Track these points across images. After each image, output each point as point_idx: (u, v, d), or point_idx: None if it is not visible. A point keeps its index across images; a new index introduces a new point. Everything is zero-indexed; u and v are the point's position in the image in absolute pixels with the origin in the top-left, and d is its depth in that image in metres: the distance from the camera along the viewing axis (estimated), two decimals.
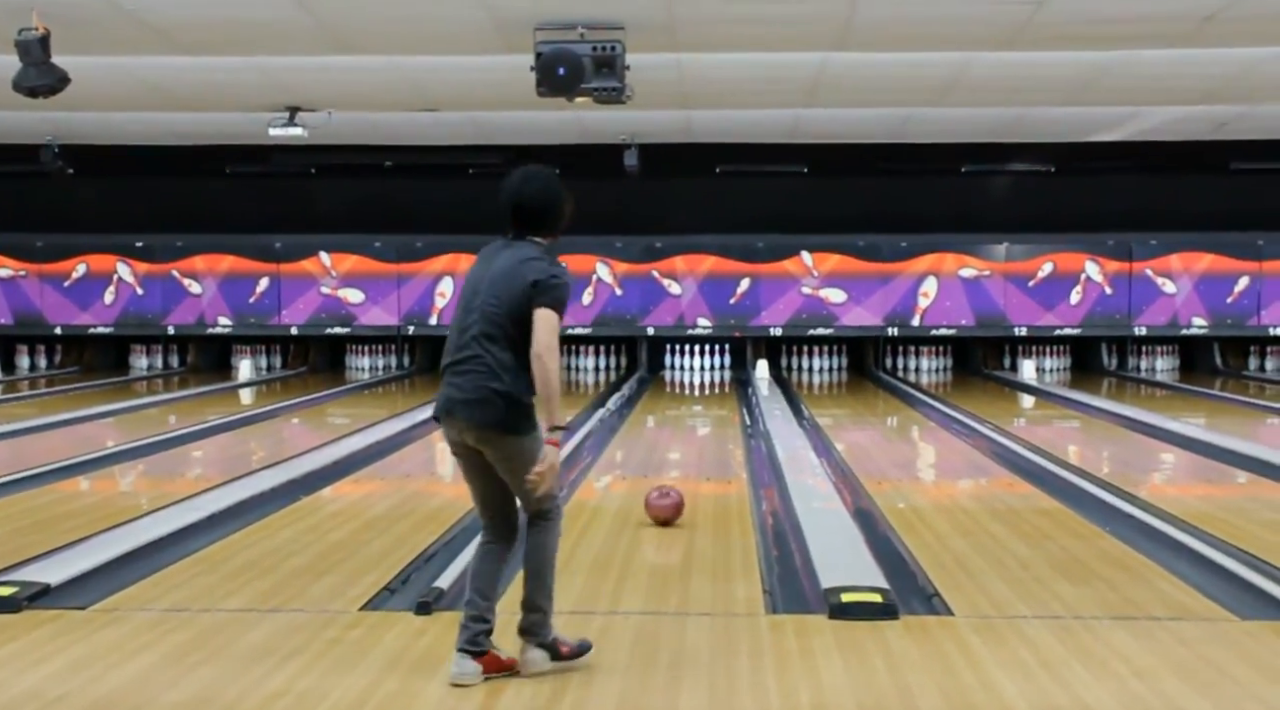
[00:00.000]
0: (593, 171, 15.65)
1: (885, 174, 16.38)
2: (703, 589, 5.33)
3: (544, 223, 4.25)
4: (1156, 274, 16.70)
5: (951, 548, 6.11)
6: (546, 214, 4.25)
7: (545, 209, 4.24)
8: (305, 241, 16.94)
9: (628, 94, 8.87)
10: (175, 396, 14.51)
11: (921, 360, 17.37)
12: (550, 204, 4.25)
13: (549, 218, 4.26)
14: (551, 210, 4.25)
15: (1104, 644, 4.52)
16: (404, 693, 4.03)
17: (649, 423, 12.23)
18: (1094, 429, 11.82)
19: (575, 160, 15.51)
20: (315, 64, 10.20)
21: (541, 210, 4.24)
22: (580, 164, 15.67)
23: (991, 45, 9.58)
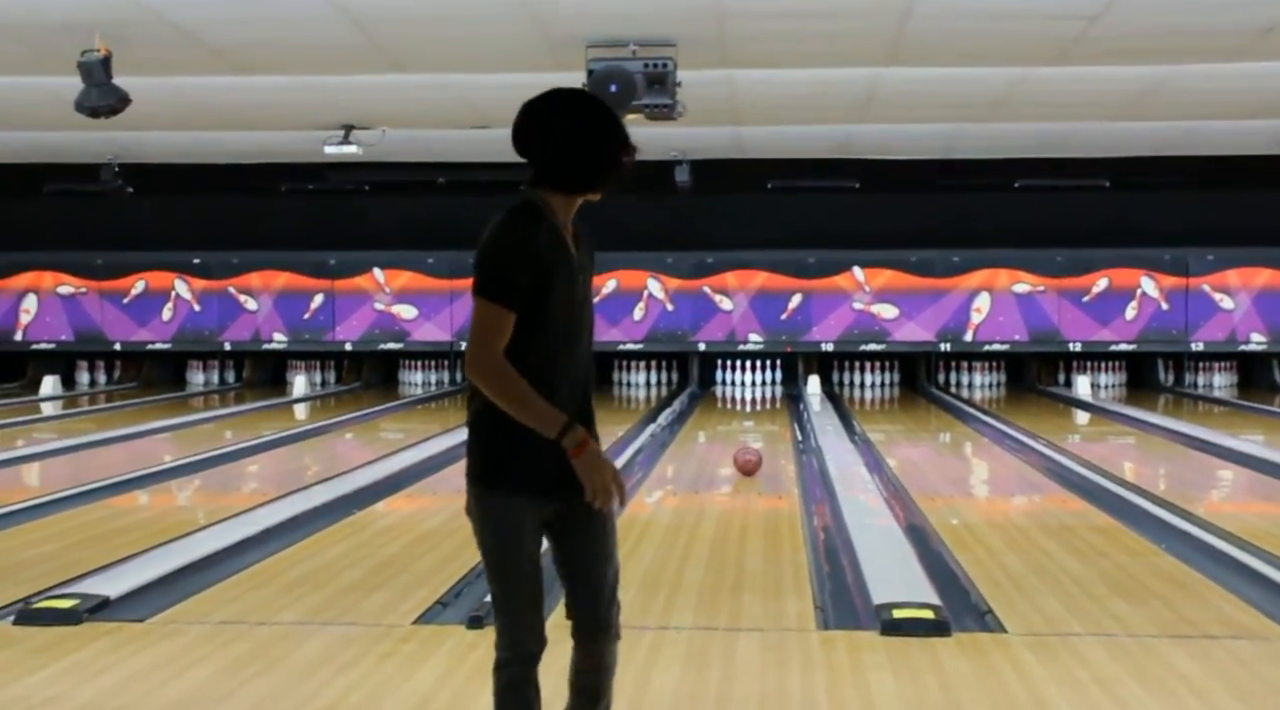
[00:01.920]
0: (644, 187, 15.71)
1: (937, 189, 16.31)
2: (754, 604, 5.32)
3: (541, 165, 2.97)
4: (1214, 289, 16.51)
5: (1004, 564, 6.07)
6: (531, 151, 2.97)
7: (528, 146, 2.97)
8: (359, 258, 17.09)
9: (679, 110, 8.91)
10: (231, 412, 14.67)
11: (974, 376, 17.26)
12: (532, 138, 2.96)
13: (539, 157, 2.96)
14: (537, 145, 2.95)
15: (1160, 662, 4.48)
16: (456, 706, 4.05)
17: (700, 438, 12.23)
18: (1150, 445, 11.70)
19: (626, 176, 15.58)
20: (369, 83, 10.31)
21: (525, 149, 2.99)
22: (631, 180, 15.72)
23: (1044, 60, 9.53)
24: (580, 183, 2.96)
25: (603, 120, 2.96)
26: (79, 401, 16.06)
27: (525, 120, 2.94)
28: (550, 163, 2.93)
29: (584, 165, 2.94)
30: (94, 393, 17.10)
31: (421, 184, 16.06)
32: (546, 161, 2.93)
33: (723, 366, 17.30)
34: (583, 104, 2.98)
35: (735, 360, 17.24)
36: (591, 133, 2.94)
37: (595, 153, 2.95)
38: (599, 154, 2.95)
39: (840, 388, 17.01)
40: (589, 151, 2.94)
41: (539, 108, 2.95)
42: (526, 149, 2.96)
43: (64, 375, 17.37)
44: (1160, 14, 8.22)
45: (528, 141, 2.96)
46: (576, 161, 2.93)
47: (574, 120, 2.94)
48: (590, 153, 2.94)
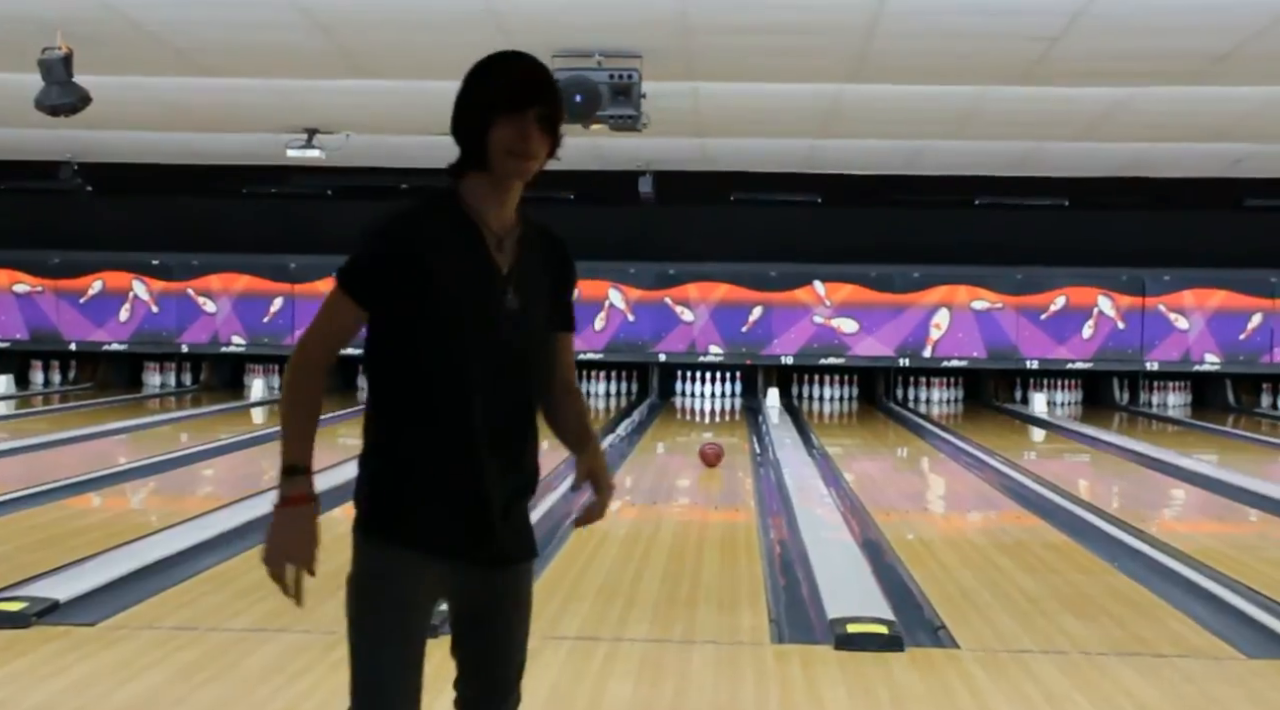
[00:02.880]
0: (607, 198, 15.74)
1: (899, 205, 16.42)
2: (709, 617, 5.33)
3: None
4: (1169, 309, 16.68)
5: (958, 580, 6.10)
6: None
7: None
8: (320, 262, 17.00)
9: (644, 122, 8.93)
10: (187, 414, 14.56)
11: (932, 392, 17.36)
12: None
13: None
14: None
15: (1110, 680, 4.52)
16: None
17: (659, 449, 12.23)
18: (1104, 464, 11.80)
19: (590, 186, 15.61)
20: (333, 87, 10.27)
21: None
22: (595, 190, 15.77)
23: (1006, 79, 9.62)
24: (470, 158, 2.42)
25: (481, 71, 2.39)
26: (33, 401, 15.89)
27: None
28: (465, 146, 2.43)
29: (458, 132, 2.41)
30: (48, 393, 16.92)
31: (384, 189, 16.00)
32: (464, 143, 2.43)
33: (683, 378, 17.32)
34: (481, 62, 2.41)
35: (695, 371, 17.27)
36: (464, 88, 2.41)
37: (461, 114, 2.39)
38: (464, 115, 2.39)
39: (799, 401, 17.07)
40: (458, 113, 2.40)
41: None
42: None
43: (18, 375, 17.18)
44: (1119, 37, 8.32)
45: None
46: (455, 129, 2.41)
47: (464, 81, 2.41)
48: (458, 115, 2.40)
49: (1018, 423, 15.61)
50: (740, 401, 16.87)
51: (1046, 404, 16.76)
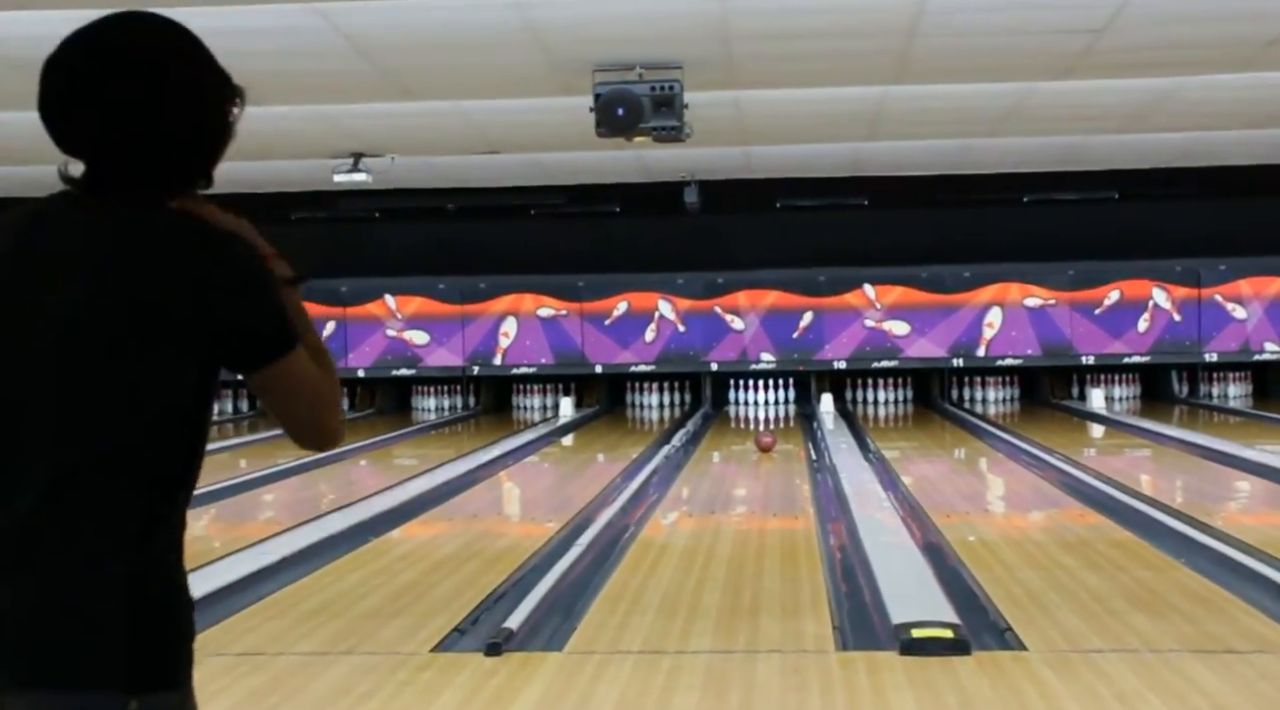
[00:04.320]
0: (653, 209, 15.74)
1: (947, 205, 16.31)
2: (772, 626, 5.31)
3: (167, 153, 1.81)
4: (1226, 299, 16.46)
5: (1023, 581, 6.04)
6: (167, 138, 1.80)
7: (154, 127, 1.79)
8: (371, 285, 17.13)
9: (687, 132, 8.92)
10: (246, 441, 14.68)
11: (988, 391, 17.22)
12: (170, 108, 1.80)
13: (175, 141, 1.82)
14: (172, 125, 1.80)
15: (1182, 678, 4.45)
16: None
17: (714, 458, 12.21)
18: (1166, 458, 11.65)
19: (636, 198, 15.63)
20: (378, 111, 10.35)
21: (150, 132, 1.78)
22: (641, 202, 15.78)
23: (1050, 75, 9.54)
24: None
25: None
26: None
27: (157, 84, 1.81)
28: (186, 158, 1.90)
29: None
30: None
31: (431, 210, 16.10)
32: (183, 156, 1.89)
33: (735, 386, 17.28)
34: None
35: (748, 380, 17.22)
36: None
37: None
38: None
39: (853, 405, 16.98)
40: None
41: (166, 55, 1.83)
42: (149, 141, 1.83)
43: None
44: (1164, 27, 8.23)
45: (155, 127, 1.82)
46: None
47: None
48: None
49: (1076, 419, 15.45)
50: (794, 408, 16.81)
51: (1104, 399, 16.57)
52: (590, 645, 5.03)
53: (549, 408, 17.04)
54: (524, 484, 11.17)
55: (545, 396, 17.33)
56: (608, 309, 16.76)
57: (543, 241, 16.88)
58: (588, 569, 6.52)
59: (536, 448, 13.28)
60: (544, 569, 6.39)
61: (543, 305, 16.85)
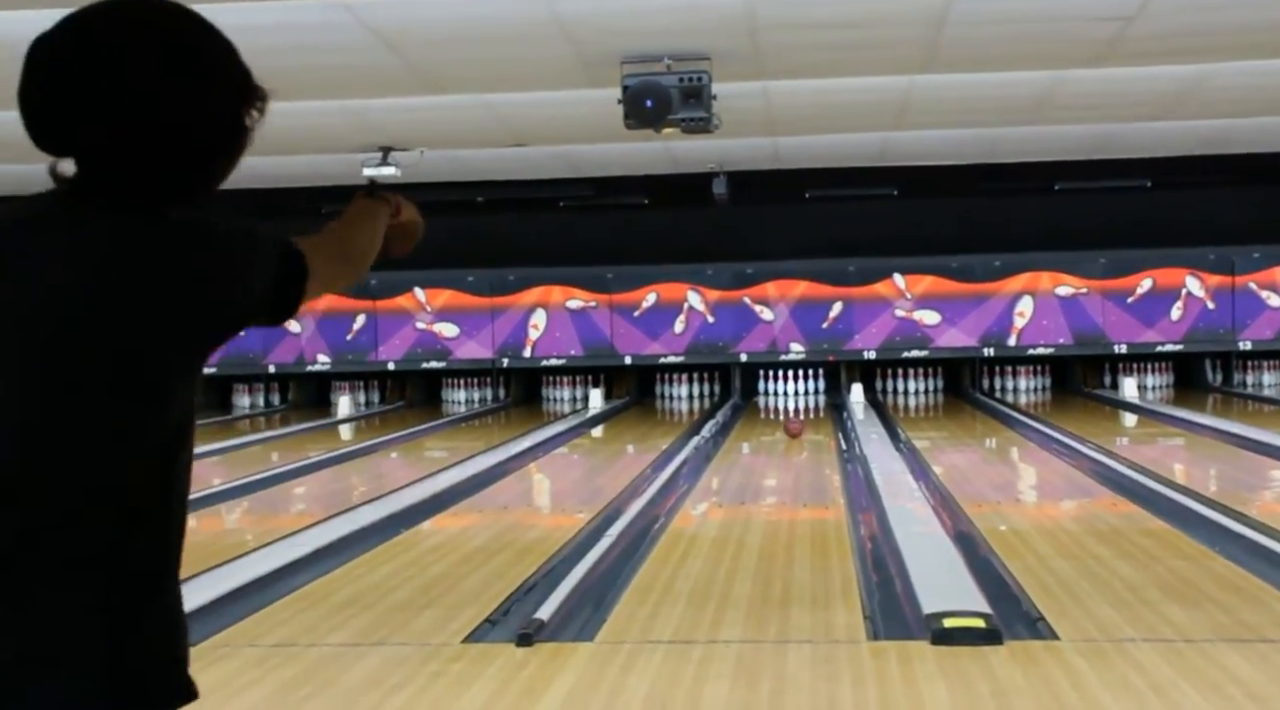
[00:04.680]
0: (682, 201, 15.73)
1: (977, 194, 16.23)
2: (803, 616, 5.30)
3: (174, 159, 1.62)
4: (1261, 287, 16.33)
5: (1055, 570, 6.01)
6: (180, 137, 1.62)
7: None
8: (400, 278, 17.18)
9: (715, 123, 8.90)
10: (277, 434, 14.77)
11: (1019, 380, 17.14)
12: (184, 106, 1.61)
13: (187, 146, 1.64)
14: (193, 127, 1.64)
15: (1217, 667, 4.42)
16: None
17: (744, 449, 12.20)
18: (1200, 447, 11.57)
19: (664, 190, 15.61)
20: (406, 105, 10.37)
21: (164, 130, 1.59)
22: (669, 194, 15.77)
23: (1081, 63, 9.47)
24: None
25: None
26: None
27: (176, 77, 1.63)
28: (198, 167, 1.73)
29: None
30: None
31: (460, 203, 16.13)
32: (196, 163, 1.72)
33: (765, 377, 17.25)
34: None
35: (777, 370, 17.20)
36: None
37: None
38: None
39: (884, 395, 16.94)
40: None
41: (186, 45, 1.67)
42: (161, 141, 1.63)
43: None
44: (1195, 13, 8.15)
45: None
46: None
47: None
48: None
49: (1108, 408, 15.36)
50: (824, 398, 16.78)
51: (1137, 388, 16.47)
52: (621, 636, 5.04)
53: (579, 399, 17.06)
54: (554, 475, 11.19)
55: (575, 388, 17.35)
56: (637, 300, 16.76)
57: (571, 234, 16.90)
58: (618, 560, 6.53)
59: (566, 439, 13.30)
60: (574, 560, 6.41)
61: (572, 297, 16.87)
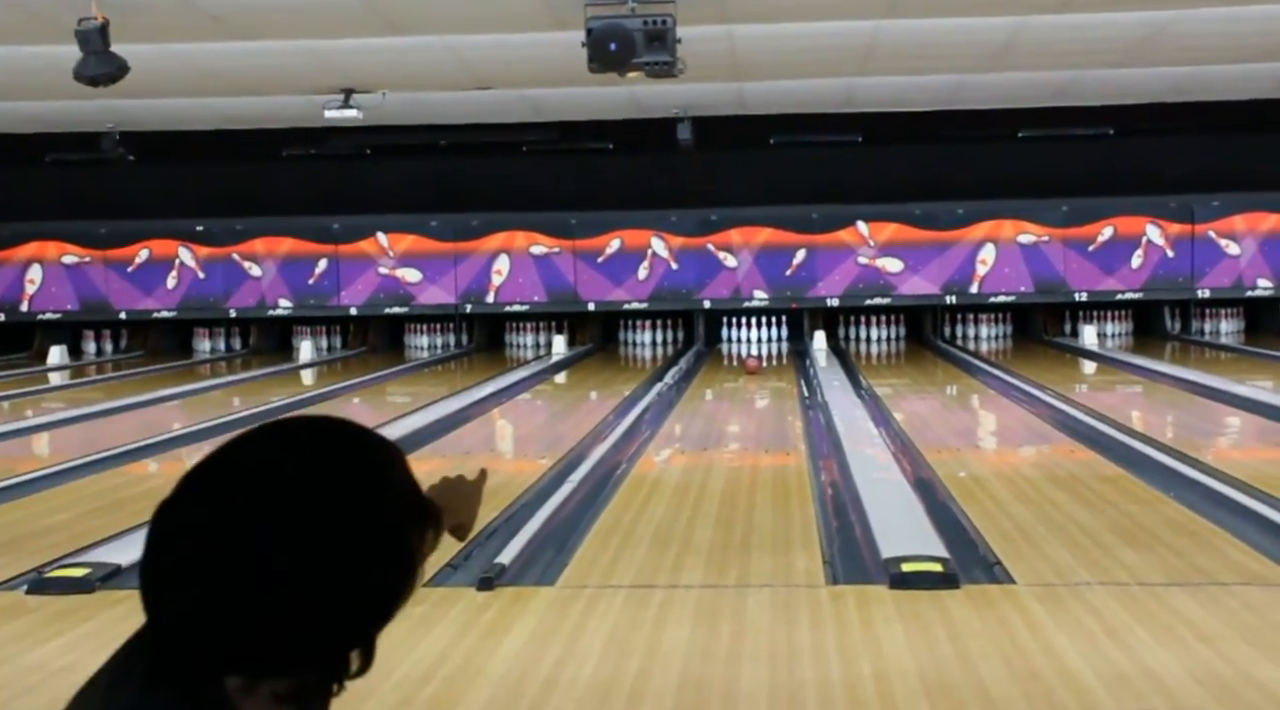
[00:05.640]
0: (647, 146, 15.67)
1: (941, 141, 16.25)
2: (763, 561, 5.34)
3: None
4: (1220, 236, 16.45)
5: (1012, 515, 6.08)
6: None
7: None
8: (362, 222, 17.07)
9: (679, 67, 8.86)
10: (238, 379, 14.70)
11: (980, 328, 17.25)
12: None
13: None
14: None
15: (1169, 610, 4.50)
16: (469, 666, 4.08)
17: (707, 396, 12.24)
18: (1157, 394, 11.70)
19: (629, 135, 15.55)
20: (368, 46, 10.26)
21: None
22: (634, 139, 15.70)
23: (1045, 9, 9.47)
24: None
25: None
26: (86, 371, 16.08)
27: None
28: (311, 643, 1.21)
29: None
30: (101, 362, 17.12)
31: (423, 147, 16.02)
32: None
33: (728, 324, 17.29)
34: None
35: (740, 317, 17.23)
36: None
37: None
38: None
39: (846, 342, 17.01)
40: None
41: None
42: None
43: (71, 345, 17.40)
44: None
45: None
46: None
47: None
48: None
49: (1068, 356, 15.49)
50: (787, 345, 16.83)
51: (1097, 336, 16.60)
52: (582, 580, 5.08)
53: (542, 345, 17.05)
54: (517, 421, 11.20)
55: (538, 334, 17.34)
56: (600, 246, 16.72)
57: (535, 179, 16.81)
58: (580, 505, 6.56)
59: (529, 385, 13.30)
60: (536, 505, 6.43)
61: (535, 243, 16.81)
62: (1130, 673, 3.87)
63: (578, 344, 16.90)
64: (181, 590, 1.17)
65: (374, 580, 1.23)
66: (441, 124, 14.96)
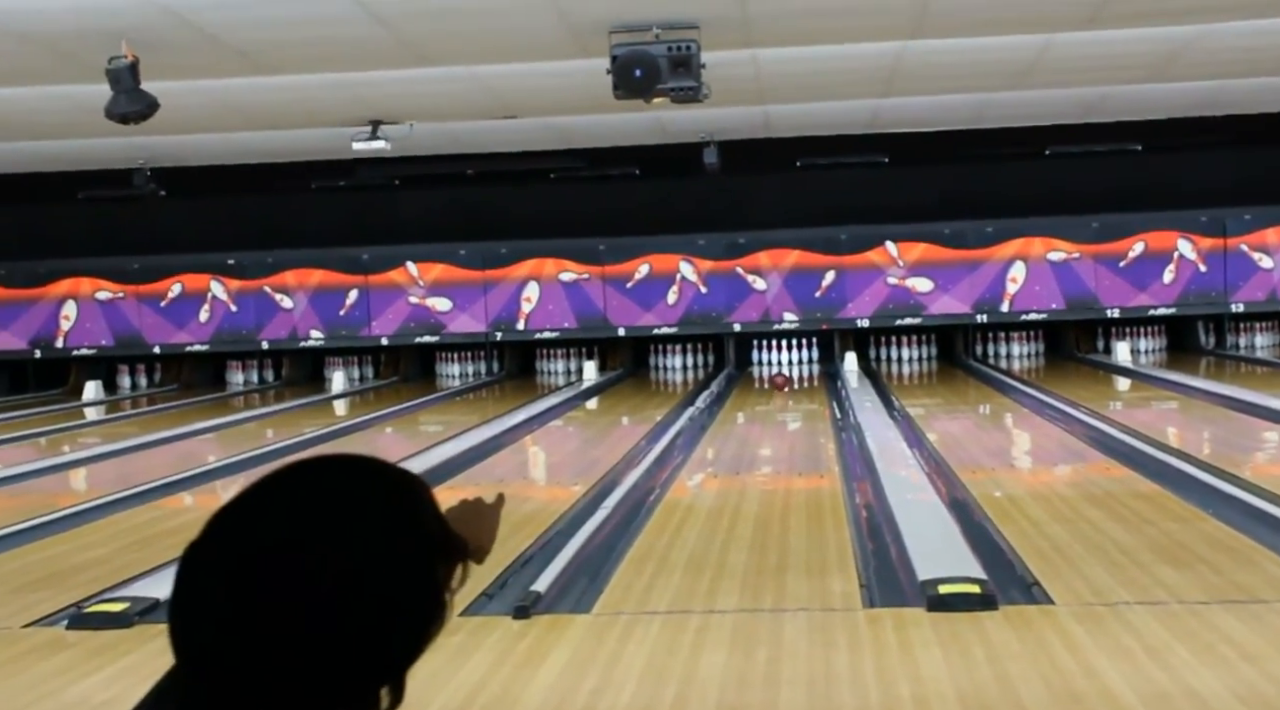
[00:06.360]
0: (673, 171, 15.70)
1: (968, 160, 16.21)
2: (798, 585, 5.32)
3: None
4: (1252, 249, 16.33)
5: (1049, 535, 6.04)
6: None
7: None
8: (392, 252, 17.15)
9: (704, 92, 8.88)
10: (271, 410, 14.76)
11: (1012, 346, 17.16)
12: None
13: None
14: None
15: (1210, 628, 4.45)
16: (506, 695, 4.07)
17: (739, 419, 12.22)
18: (1193, 409, 11.60)
19: (655, 160, 15.58)
20: (395, 77, 10.32)
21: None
22: (660, 164, 15.73)
23: (1071, 25, 9.44)
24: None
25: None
26: (121, 405, 16.20)
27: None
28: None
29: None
30: (136, 396, 17.24)
31: (451, 176, 16.09)
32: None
33: (758, 347, 17.26)
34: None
35: (771, 340, 17.21)
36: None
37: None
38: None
39: (877, 363, 16.95)
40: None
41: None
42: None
43: (106, 380, 17.52)
44: None
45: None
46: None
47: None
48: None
49: (1101, 373, 15.39)
50: (818, 367, 16.79)
51: (1130, 352, 16.49)
52: (618, 606, 5.07)
53: (573, 372, 17.06)
54: (549, 448, 11.20)
55: (569, 360, 17.35)
56: (629, 272, 16.74)
57: (563, 206, 16.86)
58: (614, 531, 6.55)
59: (561, 412, 13.31)
60: (570, 532, 6.42)
61: (564, 269, 16.85)
62: (1172, 693, 3.83)
63: (608, 369, 16.91)
64: (211, 631, 1.18)
65: (404, 617, 1.23)
66: (469, 153, 15.03)
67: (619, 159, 15.56)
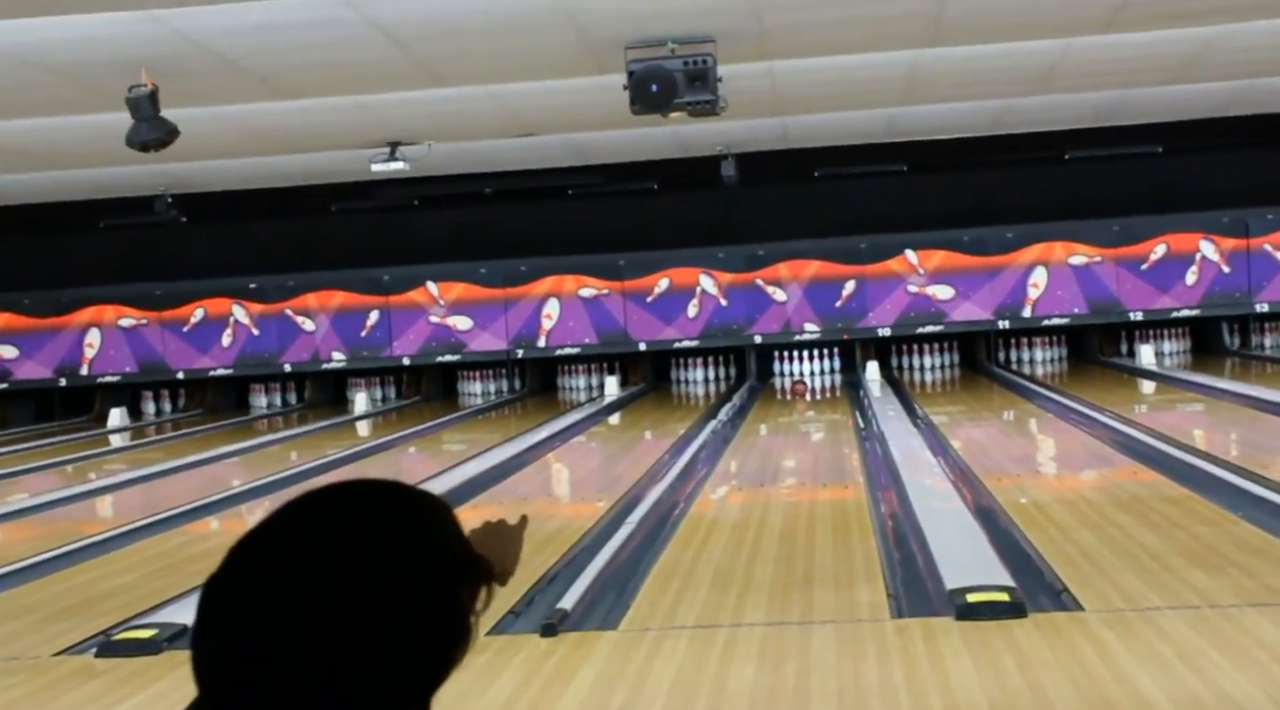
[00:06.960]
0: (691, 184, 15.71)
1: (987, 166, 16.17)
2: (826, 597, 5.30)
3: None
4: (1276, 248, 16.23)
5: (1078, 541, 6.00)
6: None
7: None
8: (412, 272, 17.20)
9: (721, 105, 8.88)
10: (295, 433, 14.81)
11: (1035, 351, 17.09)
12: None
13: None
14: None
15: (1243, 632, 4.41)
16: None
17: (761, 431, 12.19)
18: (1219, 411, 11.53)
19: (673, 174, 15.59)
20: (413, 98, 10.37)
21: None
22: (678, 177, 15.75)
23: (1089, 29, 9.42)
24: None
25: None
26: (146, 431, 16.26)
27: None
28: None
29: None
30: (160, 422, 17.32)
31: (469, 195, 16.14)
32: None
33: (780, 358, 17.24)
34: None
35: (792, 351, 17.18)
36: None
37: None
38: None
39: (900, 372, 16.90)
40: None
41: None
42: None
43: (130, 406, 17.60)
44: None
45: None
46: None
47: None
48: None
49: (1126, 376, 15.31)
50: (840, 377, 16.75)
51: (1154, 355, 16.40)
52: (645, 622, 5.05)
53: (594, 387, 17.07)
54: (572, 464, 11.20)
55: (590, 376, 17.36)
56: (649, 286, 16.75)
57: (582, 222, 16.88)
58: (639, 547, 6.54)
59: (583, 428, 13.31)
60: (596, 548, 6.42)
61: (584, 285, 16.87)
62: (1206, 698, 3.79)
63: (630, 384, 16.91)
64: (233, 663, 1.18)
65: (428, 642, 1.23)
66: (487, 172, 15.08)
67: (637, 174, 15.58)
